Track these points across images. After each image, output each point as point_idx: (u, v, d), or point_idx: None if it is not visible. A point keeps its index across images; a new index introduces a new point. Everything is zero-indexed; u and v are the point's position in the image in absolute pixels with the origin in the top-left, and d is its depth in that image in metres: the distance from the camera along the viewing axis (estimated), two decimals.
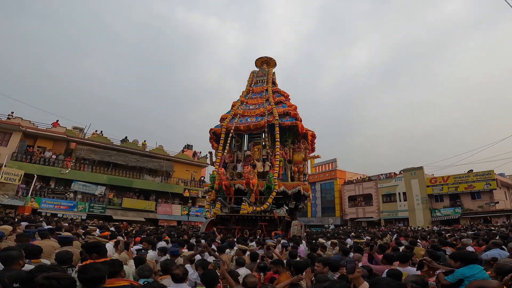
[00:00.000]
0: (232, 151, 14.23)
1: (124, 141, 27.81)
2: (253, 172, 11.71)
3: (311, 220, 39.53)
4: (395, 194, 34.27)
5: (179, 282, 2.97)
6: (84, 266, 2.34)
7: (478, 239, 7.56)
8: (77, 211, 23.20)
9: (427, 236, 10.75)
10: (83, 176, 24.37)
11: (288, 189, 12.25)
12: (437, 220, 29.86)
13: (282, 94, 15.42)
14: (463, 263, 3.19)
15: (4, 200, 20.09)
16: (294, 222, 12.15)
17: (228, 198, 12.03)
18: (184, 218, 27.22)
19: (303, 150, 14.30)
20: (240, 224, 11.96)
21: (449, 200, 30.82)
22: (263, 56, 17.09)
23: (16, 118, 22.58)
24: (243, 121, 13.91)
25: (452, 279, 3.09)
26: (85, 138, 26.06)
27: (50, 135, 24.18)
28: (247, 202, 11.12)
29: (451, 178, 30.82)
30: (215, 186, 12.04)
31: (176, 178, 29.36)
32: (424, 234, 13.47)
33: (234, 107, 15.09)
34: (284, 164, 13.49)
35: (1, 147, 21.31)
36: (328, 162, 41.51)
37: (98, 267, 2.20)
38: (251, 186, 11.30)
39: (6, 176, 20.79)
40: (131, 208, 25.58)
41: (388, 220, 33.98)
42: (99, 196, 25.03)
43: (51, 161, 23.35)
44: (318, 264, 4.06)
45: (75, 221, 15.42)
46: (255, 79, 16.40)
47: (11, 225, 6.95)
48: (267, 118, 13.51)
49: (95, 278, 2.13)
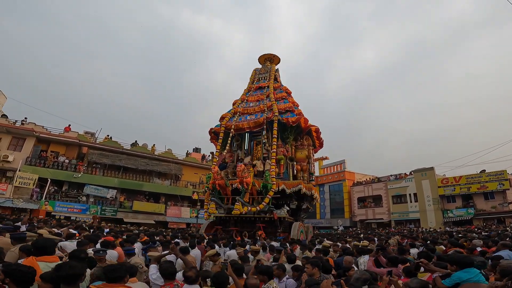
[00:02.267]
0: (232, 150, 13.44)
1: (134, 145, 27.62)
2: (248, 171, 10.82)
3: (320, 222, 38.46)
4: (405, 195, 32.89)
5: (192, 284, 2.99)
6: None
7: (487, 241, 7.15)
8: (89, 214, 23.13)
9: (438, 238, 10.14)
10: (95, 179, 24.21)
11: (288, 188, 11.26)
12: (450, 221, 28.49)
13: (284, 91, 14.47)
14: (459, 266, 3.11)
15: (19, 204, 20.23)
16: (295, 223, 11.12)
17: (226, 198, 11.20)
18: (193, 221, 26.84)
19: (306, 147, 13.31)
20: (239, 225, 11.13)
21: (461, 201, 29.41)
22: (266, 53, 16.23)
23: (30, 123, 22.55)
24: (243, 119, 13.03)
25: (449, 283, 3.02)
26: (96, 142, 25.97)
27: (62, 140, 24.08)
28: (240, 202, 10.25)
29: (463, 178, 29.39)
30: (209, 186, 11.36)
31: (185, 181, 28.84)
32: (436, 236, 12.72)
33: (234, 105, 14.30)
34: (286, 162, 12.56)
35: (15, 152, 21.31)
36: (337, 163, 40.52)
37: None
38: (245, 185, 10.44)
39: (21, 180, 20.96)
40: (141, 211, 25.28)
41: (399, 221, 32.64)
42: (111, 199, 24.89)
43: (64, 165, 23.47)
44: (307, 266, 3.81)
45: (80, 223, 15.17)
46: (258, 77, 15.57)
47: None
48: (267, 114, 12.61)
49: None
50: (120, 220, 23.55)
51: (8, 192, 20.23)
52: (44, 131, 23.33)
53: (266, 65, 15.78)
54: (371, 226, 33.73)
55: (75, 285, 2.18)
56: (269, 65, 15.67)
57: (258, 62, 16.54)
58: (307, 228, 12.82)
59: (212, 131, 13.97)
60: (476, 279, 2.92)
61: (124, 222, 22.98)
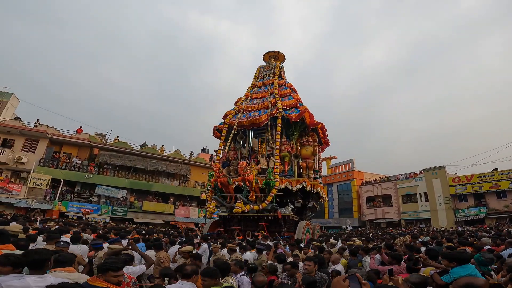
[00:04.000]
0: (236, 148, 13.02)
1: (143, 146, 27.61)
2: (250, 168, 10.37)
3: (329, 222, 37.70)
4: (415, 194, 31.81)
5: (185, 279, 2.92)
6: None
7: (496, 239, 7.15)
8: (101, 214, 23.24)
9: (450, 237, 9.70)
10: (106, 180, 24.21)
11: (293, 186, 10.71)
12: (461, 221, 27.37)
13: (289, 87, 13.90)
14: (457, 263, 3.19)
15: (33, 204, 20.47)
16: (301, 222, 10.55)
17: (229, 197, 10.74)
18: (201, 220, 26.63)
19: (312, 144, 12.70)
20: (243, 224, 10.66)
21: (473, 200, 28.22)
22: (270, 50, 15.63)
23: (43, 125, 22.72)
24: (246, 116, 12.54)
25: (448, 279, 3.05)
26: (107, 143, 26.10)
27: (74, 141, 24.16)
28: (242, 200, 9.72)
29: (475, 177, 28.21)
30: (211, 184, 10.98)
31: (193, 181, 28.64)
32: (446, 234, 12.19)
33: (238, 102, 13.89)
34: (290, 159, 12.02)
35: (29, 154, 21.43)
36: (345, 163, 39.70)
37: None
38: (247, 183, 9.99)
39: (35, 181, 21.19)
40: (151, 211, 25.24)
41: (409, 220, 31.57)
42: (121, 199, 25.03)
43: (76, 166, 23.64)
44: (309, 263, 3.68)
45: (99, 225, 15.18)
46: (262, 74, 15.08)
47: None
48: (270, 111, 12.13)
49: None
50: (130, 220, 23.57)
51: (22, 192, 20.46)
52: (56, 133, 23.54)
53: (271, 63, 15.30)
54: (380, 225, 32.94)
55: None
56: (273, 62, 15.15)
57: (262, 59, 16.07)
58: (313, 228, 12.22)
59: (216, 128, 13.56)
60: (474, 274, 3.02)
61: (135, 222, 23.02)
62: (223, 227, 11.57)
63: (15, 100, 25.67)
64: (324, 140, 14.47)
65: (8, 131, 21.33)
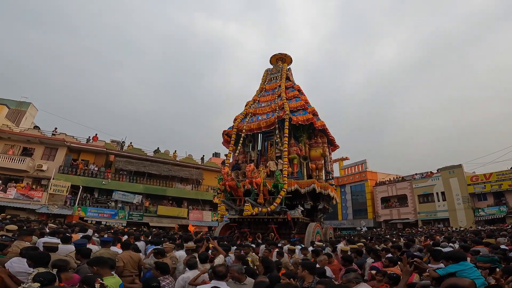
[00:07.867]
0: (245, 151, 13.01)
1: (156, 152, 28.05)
2: (258, 171, 10.30)
3: (343, 223, 36.99)
4: (432, 194, 30.78)
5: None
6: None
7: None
8: (118, 218, 23.69)
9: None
10: (122, 186, 24.65)
11: (302, 187, 10.58)
12: (481, 220, 26.27)
13: (296, 89, 13.81)
14: (455, 261, 3.26)
15: (54, 210, 21.12)
16: (310, 224, 10.36)
17: (238, 200, 10.74)
18: (214, 224, 26.69)
19: (321, 145, 12.51)
20: (253, 226, 10.62)
21: (493, 199, 27.05)
22: (277, 53, 15.56)
23: (60, 134, 23.43)
24: (254, 120, 12.55)
25: (442, 272, 3.13)
26: (122, 150, 26.72)
27: (91, 149, 24.85)
28: (250, 203, 9.67)
29: (494, 175, 27.05)
30: (221, 187, 10.96)
31: (206, 186, 28.74)
32: (462, 235, 11.68)
33: (246, 106, 13.85)
34: (299, 161, 11.90)
35: (49, 162, 22.14)
36: (358, 163, 38.87)
37: None
38: (255, 186, 9.93)
39: (55, 188, 21.83)
40: (165, 215, 25.52)
41: (426, 221, 30.56)
42: (137, 204, 25.52)
43: (94, 172, 24.26)
44: (298, 268, 3.62)
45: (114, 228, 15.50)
46: (269, 77, 15.06)
47: None
48: (278, 113, 12.03)
49: None
50: (146, 224, 23.91)
51: (43, 199, 21.12)
52: (74, 140, 24.20)
53: (278, 65, 15.24)
54: (396, 226, 32.00)
55: None
56: (280, 65, 15.08)
57: (269, 62, 16.03)
58: (325, 229, 12.01)
59: (225, 133, 13.60)
60: (470, 271, 3.07)
61: (150, 226, 23.33)
62: (235, 229, 11.48)
63: (33, 109, 26.58)
64: (333, 143, 14.20)
65: (28, 140, 22.10)
